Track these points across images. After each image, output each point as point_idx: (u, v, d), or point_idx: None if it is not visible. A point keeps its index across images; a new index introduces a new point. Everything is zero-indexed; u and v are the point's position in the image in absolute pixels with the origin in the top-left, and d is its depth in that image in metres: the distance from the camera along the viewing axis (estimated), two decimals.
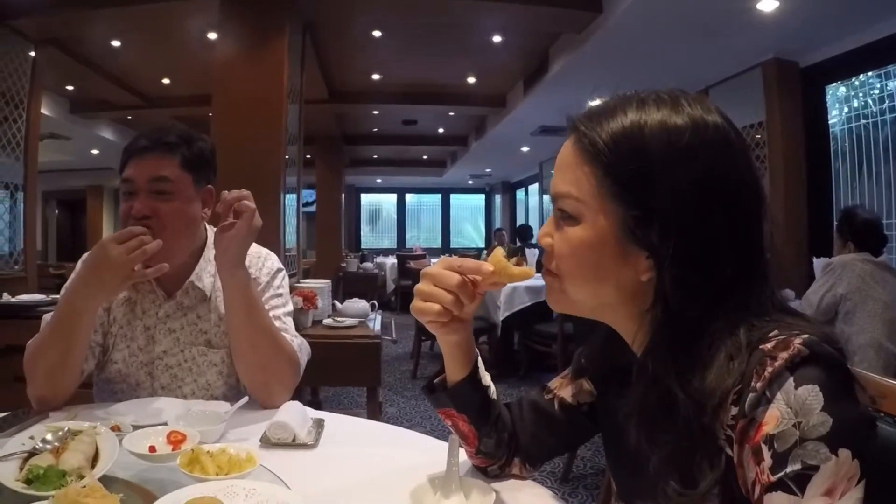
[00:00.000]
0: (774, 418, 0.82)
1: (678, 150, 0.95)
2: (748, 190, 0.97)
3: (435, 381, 1.35)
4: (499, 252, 1.14)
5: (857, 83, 6.64)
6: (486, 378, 1.34)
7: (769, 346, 0.87)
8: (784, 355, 0.84)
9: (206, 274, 2.08)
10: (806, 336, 0.85)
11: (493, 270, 1.13)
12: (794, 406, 0.81)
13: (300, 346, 2.06)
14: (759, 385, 0.84)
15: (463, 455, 1.38)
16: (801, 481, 0.79)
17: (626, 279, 0.99)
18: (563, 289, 1.06)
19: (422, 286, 1.18)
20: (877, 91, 6.34)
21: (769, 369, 0.84)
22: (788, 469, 0.80)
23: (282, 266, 2.21)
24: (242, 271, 1.88)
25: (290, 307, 2.17)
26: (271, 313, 2.04)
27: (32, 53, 6.20)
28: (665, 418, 0.93)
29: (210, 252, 2.09)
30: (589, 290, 1.04)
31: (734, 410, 0.87)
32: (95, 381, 2.11)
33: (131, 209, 1.89)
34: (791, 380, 0.82)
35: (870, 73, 6.38)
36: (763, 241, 0.98)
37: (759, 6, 5.41)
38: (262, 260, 2.15)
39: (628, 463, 1.14)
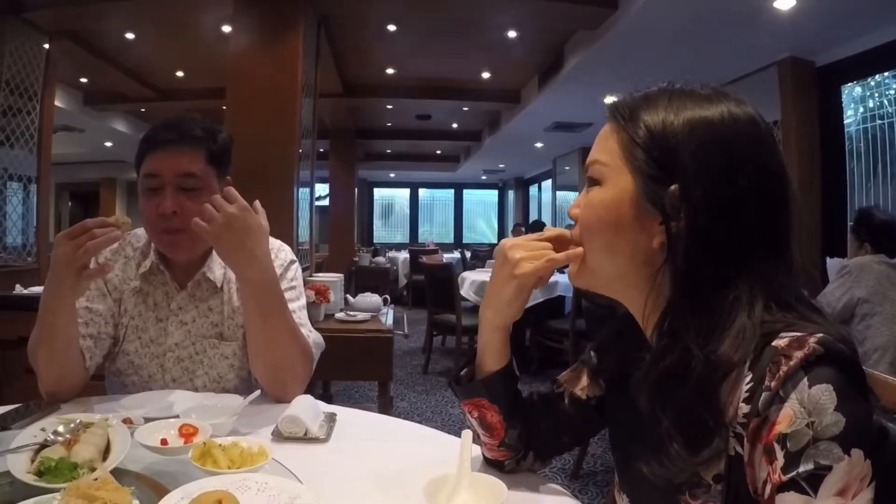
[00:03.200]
0: (788, 417, 0.82)
1: (704, 132, 0.99)
2: (773, 178, 0.99)
3: (462, 373, 1.37)
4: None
5: (872, 83, 6.60)
6: (517, 371, 1.38)
7: (783, 343, 0.87)
8: (799, 354, 0.84)
9: (218, 265, 2.07)
10: (821, 335, 0.85)
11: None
12: (807, 405, 0.82)
13: (315, 342, 2.03)
14: (773, 384, 0.84)
15: (475, 450, 1.39)
16: (813, 481, 0.80)
17: (640, 245, 1.02)
18: (584, 259, 1.11)
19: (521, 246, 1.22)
20: (892, 91, 6.31)
21: (783, 368, 0.84)
22: (801, 469, 0.81)
23: (295, 258, 2.18)
24: (251, 271, 1.78)
25: (303, 300, 2.14)
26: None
27: (46, 45, 6.21)
28: (677, 383, 0.95)
29: None
30: (606, 256, 1.07)
31: (746, 408, 0.87)
32: (107, 373, 2.10)
33: (158, 206, 1.86)
34: (805, 379, 0.83)
35: (886, 74, 6.35)
36: (791, 233, 1.00)
37: (776, 4, 5.37)
38: (274, 251, 2.09)
39: (630, 452, 1.15)
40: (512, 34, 7.54)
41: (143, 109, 11.42)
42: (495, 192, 23.28)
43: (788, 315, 0.93)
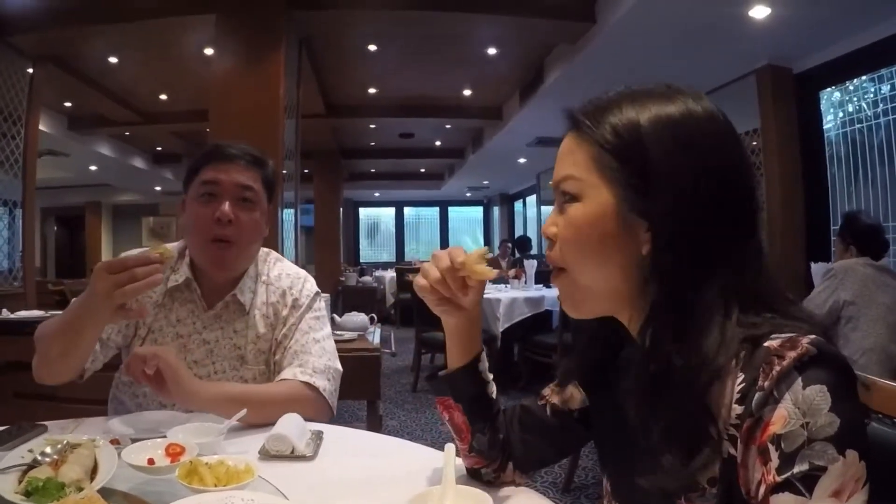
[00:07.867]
0: (782, 418, 0.82)
1: (670, 130, 0.98)
2: (737, 171, 1.00)
3: (440, 372, 1.36)
4: (478, 251, 1.23)
5: (850, 87, 6.67)
6: (489, 375, 1.36)
7: (776, 344, 0.87)
8: (792, 354, 0.84)
9: (248, 289, 2.07)
10: (813, 336, 0.86)
11: (463, 260, 1.22)
12: (801, 406, 0.81)
13: (327, 368, 2.04)
14: (766, 384, 0.84)
15: (460, 463, 1.39)
16: (808, 482, 0.79)
17: (628, 255, 1.00)
18: (572, 279, 1.06)
19: (424, 265, 1.27)
20: (871, 95, 6.37)
21: (777, 368, 0.84)
22: (796, 469, 0.80)
23: (319, 290, 2.21)
24: (199, 397, 1.76)
25: (328, 329, 2.17)
26: (311, 335, 2.06)
27: (30, 70, 6.23)
28: (663, 391, 0.94)
29: (255, 268, 2.13)
30: (596, 272, 1.03)
31: (739, 409, 0.87)
32: (116, 383, 2.10)
33: (214, 211, 1.90)
34: (799, 380, 0.82)
35: (863, 78, 6.42)
36: (756, 226, 1.01)
37: (752, 13, 5.44)
38: (301, 281, 2.16)
39: (621, 462, 1.14)
40: (492, 51, 7.59)
41: (127, 133, 11.43)
42: (480, 209, 23.28)
43: (770, 315, 0.93)
